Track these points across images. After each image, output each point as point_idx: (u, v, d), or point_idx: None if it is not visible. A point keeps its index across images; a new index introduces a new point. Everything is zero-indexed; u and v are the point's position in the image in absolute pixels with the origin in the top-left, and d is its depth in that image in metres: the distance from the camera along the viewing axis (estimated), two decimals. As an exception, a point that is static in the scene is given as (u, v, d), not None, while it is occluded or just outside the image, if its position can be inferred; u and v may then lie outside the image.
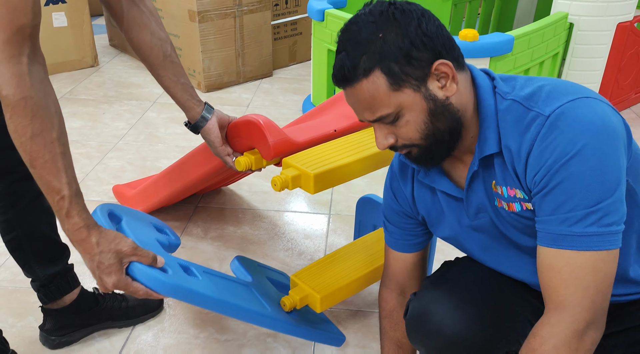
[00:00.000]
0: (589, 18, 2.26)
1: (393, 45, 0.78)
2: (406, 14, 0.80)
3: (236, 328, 1.41)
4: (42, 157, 0.83)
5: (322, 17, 2.31)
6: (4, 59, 0.77)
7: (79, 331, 1.34)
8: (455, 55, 0.82)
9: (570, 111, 0.76)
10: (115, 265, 0.87)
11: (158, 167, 2.16)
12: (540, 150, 0.77)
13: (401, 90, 0.80)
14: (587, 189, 0.74)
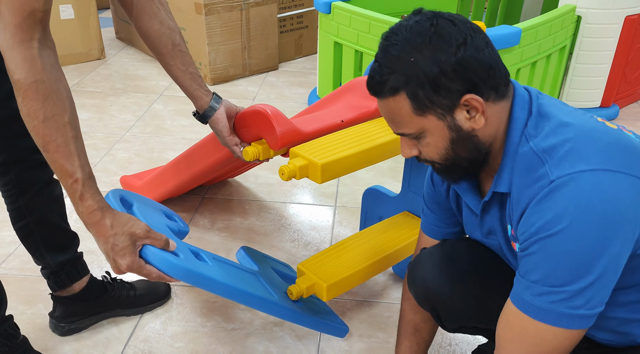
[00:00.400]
0: (596, 11, 2.25)
1: (422, 70, 0.77)
2: (445, 39, 0.76)
3: (242, 317, 1.42)
4: (54, 141, 0.84)
5: (328, 9, 2.31)
6: (15, 43, 0.78)
7: (87, 319, 1.36)
8: (494, 83, 0.79)
9: (573, 183, 0.72)
10: (129, 247, 0.88)
11: (165, 158, 2.17)
12: (531, 213, 0.76)
13: (425, 116, 0.80)
14: (555, 270, 0.74)
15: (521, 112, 0.81)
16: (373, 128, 1.25)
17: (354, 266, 1.28)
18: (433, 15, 0.79)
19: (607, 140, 0.76)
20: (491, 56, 0.79)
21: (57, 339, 1.34)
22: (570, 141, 0.76)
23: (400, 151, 1.24)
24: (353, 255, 1.32)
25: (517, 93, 0.83)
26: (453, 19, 0.78)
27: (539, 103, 0.82)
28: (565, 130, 0.77)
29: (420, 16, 0.80)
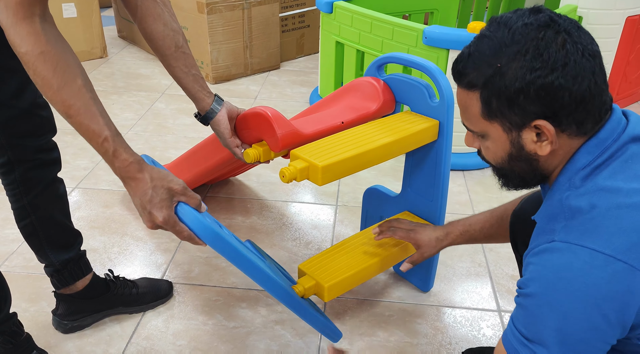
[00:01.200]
0: (597, 11, 2.26)
1: (504, 81, 0.73)
2: (542, 57, 0.70)
3: (244, 315, 1.43)
4: (74, 105, 0.85)
5: (330, 9, 2.31)
6: (18, 20, 0.80)
7: (90, 316, 1.37)
8: (579, 118, 0.73)
9: (567, 254, 0.70)
10: (167, 200, 0.89)
11: (167, 157, 2.18)
12: (526, 263, 0.77)
13: (491, 122, 0.78)
14: (527, 325, 0.74)
15: (587, 155, 0.76)
16: (373, 130, 1.26)
17: (354, 266, 1.29)
18: (546, 23, 0.72)
19: (638, 226, 0.69)
20: (590, 88, 0.71)
21: (60, 336, 1.35)
22: (598, 211, 0.71)
23: (400, 152, 1.26)
24: (354, 255, 1.33)
25: (606, 127, 0.75)
26: (567, 36, 0.71)
27: (620, 152, 0.75)
28: (602, 198, 0.72)
29: (533, 18, 0.73)
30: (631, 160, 0.74)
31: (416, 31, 1.99)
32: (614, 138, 0.75)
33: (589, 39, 0.73)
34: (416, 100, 1.33)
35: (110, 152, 0.88)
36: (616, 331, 0.71)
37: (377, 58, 1.37)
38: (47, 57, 0.82)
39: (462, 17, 3.12)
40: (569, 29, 0.72)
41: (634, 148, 0.75)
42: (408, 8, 2.71)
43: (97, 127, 0.86)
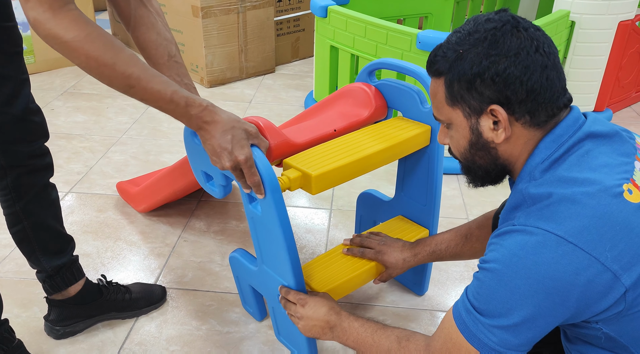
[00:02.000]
0: (590, 16, 2.27)
1: (464, 66, 0.80)
2: (498, 46, 0.77)
3: (237, 320, 1.43)
4: (133, 73, 0.87)
5: (325, 13, 2.32)
6: (55, 12, 0.82)
7: (83, 322, 1.36)
8: (531, 108, 0.79)
9: (524, 235, 0.75)
10: (245, 140, 0.94)
11: (161, 161, 2.17)
12: (489, 243, 0.81)
13: (454, 108, 0.84)
14: (479, 296, 0.79)
15: (545, 150, 0.81)
16: (366, 137, 1.25)
17: (349, 272, 1.28)
18: (507, 20, 0.80)
19: (597, 213, 0.73)
20: (542, 82, 0.78)
21: (52, 342, 1.34)
22: (555, 199, 0.75)
23: (394, 158, 1.27)
24: (348, 260, 1.33)
25: (562, 124, 0.81)
26: (524, 32, 0.78)
27: (577, 147, 0.80)
28: (559, 186, 0.76)
29: (498, 15, 0.81)
30: (587, 155, 0.79)
31: (410, 36, 2.00)
32: (569, 134, 0.80)
33: (547, 40, 0.80)
34: (408, 105, 1.34)
35: (183, 103, 0.90)
36: (560, 311, 0.75)
37: (368, 64, 1.38)
38: (93, 37, 0.84)
39: (457, 21, 3.14)
40: (528, 27, 0.80)
41: (589, 144, 0.80)
42: (402, 12, 2.72)
43: (161, 86, 0.89)
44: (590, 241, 0.72)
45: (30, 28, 0.86)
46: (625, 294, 0.73)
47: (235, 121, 0.94)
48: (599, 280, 0.72)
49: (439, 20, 2.85)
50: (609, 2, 2.24)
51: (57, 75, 2.98)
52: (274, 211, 1.04)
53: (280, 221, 1.05)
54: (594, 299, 0.74)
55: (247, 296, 1.39)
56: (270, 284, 1.22)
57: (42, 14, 0.82)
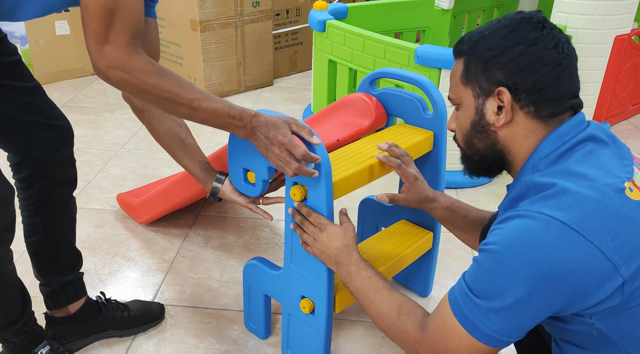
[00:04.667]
0: (587, 31, 2.29)
1: (485, 46, 0.84)
2: (520, 32, 0.82)
3: (236, 338, 1.41)
4: (196, 98, 0.99)
5: (323, 27, 2.33)
6: (133, 54, 0.93)
7: (81, 340, 1.35)
8: (536, 100, 0.82)
9: (527, 220, 0.75)
10: (286, 128, 1.03)
11: (159, 175, 2.17)
12: (491, 229, 0.81)
13: (466, 87, 0.88)
14: (476, 279, 0.80)
15: (548, 146, 0.83)
16: (371, 146, 1.27)
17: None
18: (536, 16, 0.83)
19: (600, 205, 0.74)
20: (551, 78, 0.81)
21: (49, 361, 1.32)
22: (559, 189, 0.76)
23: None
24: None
25: (567, 124, 0.83)
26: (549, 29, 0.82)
27: (580, 147, 0.81)
28: (563, 178, 0.77)
29: (530, 12, 0.85)
30: (590, 154, 0.81)
31: (408, 50, 2.01)
32: (573, 134, 0.82)
33: (568, 44, 0.83)
34: (410, 113, 1.37)
35: (238, 116, 1.03)
36: (554, 298, 0.75)
37: (371, 73, 1.40)
38: (160, 74, 0.96)
39: (454, 35, 3.15)
40: (554, 27, 0.83)
41: (591, 145, 0.82)
42: (400, 26, 2.73)
43: (218, 104, 1.01)
44: (593, 230, 0.72)
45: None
46: (622, 286, 0.73)
47: (275, 117, 1.05)
48: (598, 269, 0.72)
49: (436, 34, 2.87)
50: (605, 17, 2.26)
51: (55, 89, 2.98)
52: (324, 196, 1.06)
53: (328, 206, 1.07)
54: (590, 289, 0.74)
55: (254, 311, 1.37)
56: (294, 286, 1.20)
57: (120, 58, 0.91)
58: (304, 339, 1.24)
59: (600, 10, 2.24)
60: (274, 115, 1.06)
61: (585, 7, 2.24)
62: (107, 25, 0.89)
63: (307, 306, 1.18)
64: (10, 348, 1.19)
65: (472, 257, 0.84)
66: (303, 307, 1.19)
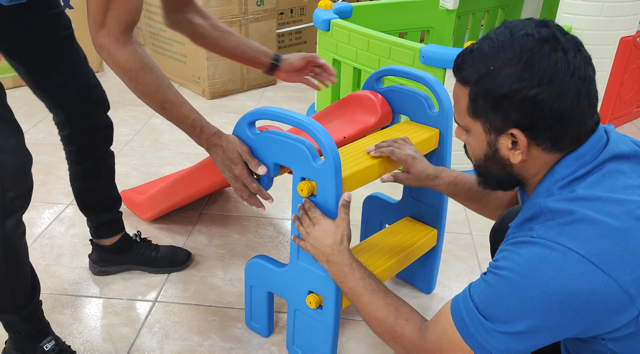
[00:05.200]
0: (592, 32, 2.28)
1: (493, 84, 0.76)
2: (533, 69, 0.73)
3: (240, 336, 1.41)
4: (168, 99, 1.10)
5: (327, 27, 2.33)
6: (119, 45, 1.04)
7: (115, 266, 1.59)
8: (555, 135, 0.77)
9: (543, 249, 0.73)
10: (238, 158, 1.13)
11: (162, 173, 2.16)
12: (500, 249, 0.81)
13: (475, 120, 0.82)
14: (485, 300, 0.79)
15: (566, 168, 0.79)
16: (374, 143, 1.27)
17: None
18: (546, 38, 0.75)
19: (619, 235, 0.72)
20: (571, 109, 0.75)
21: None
22: (575, 215, 0.74)
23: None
24: None
25: (587, 144, 0.78)
26: (562, 54, 0.74)
27: (598, 169, 0.78)
28: (580, 205, 0.74)
29: (537, 30, 0.76)
30: (608, 175, 0.77)
31: (413, 50, 2.01)
32: (593, 154, 0.78)
33: (584, 62, 0.76)
34: (415, 110, 1.37)
35: (198, 128, 1.13)
36: (568, 326, 0.74)
37: (377, 70, 1.40)
38: (145, 68, 1.06)
39: (458, 35, 3.15)
40: (568, 48, 0.75)
41: (612, 165, 0.78)
42: (404, 26, 2.73)
43: (186, 112, 1.12)
44: (611, 263, 0.71)
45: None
46: (638, 317, 0.73)
47: (232, 144, 1.13)
48: (614, 301, 0.72)
49: (440, 34, 2.86)
50: (611, 18, 2.25)
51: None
52: (333, 191, 1.06)
53: (337, 203, 1.07)
54: (604, 320, 0.73)
55: (257, 309, 1.37)
56: (301, 282, 1.20)
57: (109, 44, 1.03)
58: (311, 334, 1.24)
59: (605, 11, 2.24)
60: (230, 140, 1.14)
61: (590, 9, 2.24)
62: (104, 11, 1.01)
63: (314, 301, 1.18)
64: (16, 339, 1.21)
65: (481, 274, 0.82)
66: (310, 302, 1.18)
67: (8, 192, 1.05)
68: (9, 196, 1.05)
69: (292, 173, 1.13)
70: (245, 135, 1.15)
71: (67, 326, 1.42)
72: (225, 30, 1.42)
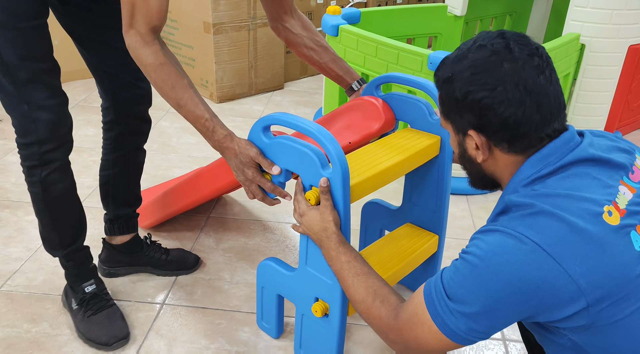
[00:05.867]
0: (600, 40, 2.28)
1: (452, 88, 0.85)
2: (482, 77, 0.82)
3: (247, 339, 1.42)
4: (183, 98, 1.14)
5: (336, 32, 2.34)
6: (144, 44, 1.13)
7: (124, 268, 1.61)
8: (507, 138, 0.84)
9: (503, 237, 0.79)
10: (251, 161, 1.16)
11: (170, 176, 2.18)
12: (470, 238, 0.86)
13: (446, 121, 0.92)
14: (451, 281, 0.84)
15: (530, 168, 0.85)
16: (382, 149, 1.28)
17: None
18: (497, 51, 0.82)
19: (574, 229, 0.76)
20: (517, 116, 0.81)
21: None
22: (534, 207, 0.79)
23: (411, 168, 1.30)
24: None
25: (552, 145, 0.84)
26: (510, 65, 0.81)
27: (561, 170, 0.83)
28: (539, 199, 0.80)
29: (492, 42, 0.83)
30: (573, 176, 0.82)
31: (421, 56, 2.01)
32: (558, 156, 0.84)
33: (536, 72, 0.81)
34: (416, 117, 1.38)
35: (210, 129, 1.16)
36: (520, 308, 0.79)
37: (376, 77, 1.40)
38: (164, 66, 1.13)
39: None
40: (518, 59, 0.81)
41: (578, 168, 0.83)
42: (412, 32, 2.74)
43: (200, 112, 1.15)
44: (562, 253, 0.76)
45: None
46: (587, 309, 0.77)
47: (243, 147, 1.16)
48: (564, 290, 0.76)
49: (448, 40, 2.87)
50: (619, 26, 2.25)
51: (68, 88, 2.99)
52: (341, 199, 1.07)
53: (345, 210, 1.08)
54: (554, 306, 0.78)
55: (267, 310, 1.38)
56: (308, 288, 1.21)
57: (135, 43, 1.13)
58: (317, 340, 1.24)
59: (614, 19, 2.24)
60: (242, 144, 1.16)
61: (599, 16, 2.24)
62: (131, 14, 1.11)
63: (320, 310, 1.18)
64: (67, 275, 1.42)
65: (452, 260, 0.88)
66: (315, 311, 1.19)
67: (44, 145, 1.22)
68: (44, 149, 1.22)
69: (300, 179, 1.13)
70: (260, 139, 1.16)
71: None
72: (322, 45, 1.48)
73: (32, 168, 1.26)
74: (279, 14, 1.45)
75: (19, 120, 1.21)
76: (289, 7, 1.44)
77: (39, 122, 1.20)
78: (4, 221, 1.84)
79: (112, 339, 1.35)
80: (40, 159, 1.24)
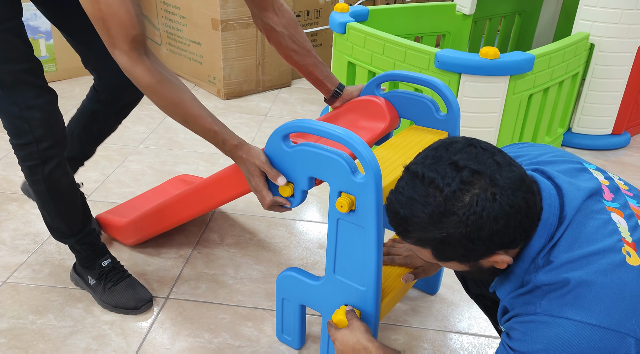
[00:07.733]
0: (610, 39, 2.27)
1: (416, 231, 0.82)
2: (448, 213, 0.77)
3: (250, 334, 1.42)
4: (189, 113, 1.13)
5: (344, 29, 2.34)
6: (133, 62, 1.08)
7: None
8: (503, 245, 0.80)
9: (552, 326, 0.76)
10: (257, 170, 1.15)
11: (177, 171, 2.19)
12: (507, 326, 0.83)
13: (445, 262, 0.88)
14: None
15: (540, 239, 0.82)
16: (396, 150, 1.27)
17: (387, 290, 1.25)
18: (454, 192, 0.77)
19: (615, 290, 0.76)
20: (492, 234, 0.77)
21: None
22: (570, 284, 0.77)
23: None
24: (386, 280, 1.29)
25: (544, 211, 0.81)
26: (468, 207, 0.76)
27: (569, 223, 0.81)
28: (569, 270, 0.78)
29: (460, 179, 0.77)
30: (578, 228, 0.81)
31: (429, 54, 2.01)
32: (556, 214, 0.81)
33: (493, 208, 0.76)
34: (422, 114, 1.37)
35: (220, 140, 1.17)
36: None
37: (377, 76, 1.39)
38: (162, 83, 1.10)
39: (474, 40, 3.14)
40: (482, 190, 0.76)
41: (577, 219, 0.82)
42: (420, 30, 2.73)
43: (208, 125, 1.15)
44: (618, 319, 0.75)
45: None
46: None
47: (251, 157, 1.15)
48: (633, 350, 0.75)
49: (456, 39, 2.86)
50: (629, 26, 2.24)
51: (77, 84, 3.02)
52: (374, 202, 1.02)
53: (378, 214, 1.03)
54: None
55: (289, 322, 1.34)
56: (337, 296, 1.18)
57: (125, 63, 1.08)
58: None
59: (624, 18, 2.23)
60: (251, 152, 1.15)
61: (609, 16, 2.22)
62: (107, 30, 1.05)
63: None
64: (79, 257, 1.48)
65: (496, 350, 0.85)
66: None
67: (42, 143, 1.24)
68: (43, 147, 1.24)
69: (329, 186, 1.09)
70: (280, 149, 1.12)
71: (80, 319, 1.44)
72: (304, 47, 1.43)
73: (33, 167, 1.26)
74: (259, 9, 1.38)
75: (11, 122, 1.21)
76: (271, 3, 1.37)
77: (32, 121, 1.21)
78: (11, 213, 1.86)
79: (140, 303, 1.45)
80: (40, 157, 1.25)
